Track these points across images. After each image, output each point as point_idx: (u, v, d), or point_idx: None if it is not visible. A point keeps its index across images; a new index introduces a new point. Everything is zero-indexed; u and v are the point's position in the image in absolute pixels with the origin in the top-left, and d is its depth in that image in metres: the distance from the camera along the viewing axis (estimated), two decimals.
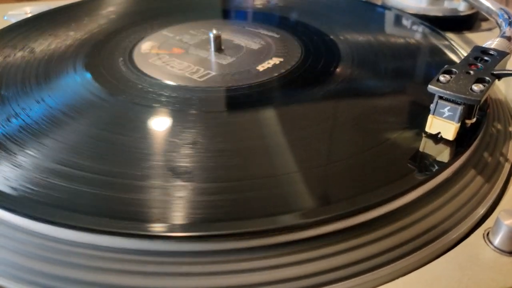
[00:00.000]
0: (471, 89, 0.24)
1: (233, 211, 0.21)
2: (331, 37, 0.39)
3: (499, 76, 0.25)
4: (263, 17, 0.45)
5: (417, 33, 0.40)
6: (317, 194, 0.22)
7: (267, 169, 0.23)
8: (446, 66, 0.26)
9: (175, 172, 0.23)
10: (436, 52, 0.37)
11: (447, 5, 0.46)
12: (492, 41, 0.29)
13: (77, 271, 0.20)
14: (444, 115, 0.24)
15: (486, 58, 0.27)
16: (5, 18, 0.48)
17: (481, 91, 0.24)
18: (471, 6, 0.44)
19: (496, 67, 0.26)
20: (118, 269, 0.19)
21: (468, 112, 0.25)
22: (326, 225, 0.20)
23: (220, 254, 0.20)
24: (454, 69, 0.26)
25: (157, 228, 0.20)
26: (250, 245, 0.20)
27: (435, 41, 0.38)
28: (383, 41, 0.39)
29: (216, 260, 0.20)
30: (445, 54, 0.36)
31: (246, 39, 0.39)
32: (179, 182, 0.22)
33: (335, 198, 0.22)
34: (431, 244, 0.21)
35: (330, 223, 0.20)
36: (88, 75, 0.33)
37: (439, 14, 0.46)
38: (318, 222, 0.20)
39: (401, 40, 0.39)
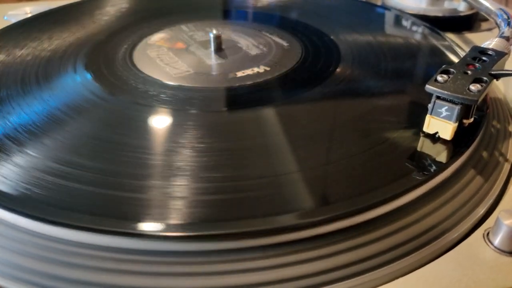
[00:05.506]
0: (468, 89, 0.24)
1: (232, 211, 0.21)
2: (331, 37, 0.39)
3: (497, 76, 0.25)
4: (264, 17, 0.45)
5: (417, 34, 0.40)
6: (317, 194, 0.22)
7: (266, 169, 0.23)
8: (444, 66, 0.26)
9: (174, 172, 0.23)
10: (436, 53, 0.37)
11: (447, 5, 0.46)
12: (490, 41, 0.29)
13: (77, 271, 0.20)
14: (442, 115, 0.24)
15: (484, 58, 0.27)
16: (5, 18, 0.48)
17: (479, 91, 0.24)
18: (471, 7, 0.44)
19: (495, 67, 0.26)
20: (117, 269, 0.19)
21: (465, 112, 0.25)
22: (325, 225, 0.20)
23: (219, 254, 0.20)
24: (452, 69, 0.26)
25: (157, 227, 0.20)
26: (250, 245, 0.20)
27: (434, 41, 0.38)
28: (383, 41, 0.39)
29: (215, 260, 0.20)
30: (444, 54, 0.36)
31: (247, 39, 0.39)
32: (178, 182, 0.22)
33: (335, 198, 0.22)
34: (431, 244, 0.21)
35: (330, 223, 0.20)
36: (88, 75, 0.33)
37: (439, 14, 0.46)
38: (317, 222, 0.20)
39: (401, 41, 0.39)
